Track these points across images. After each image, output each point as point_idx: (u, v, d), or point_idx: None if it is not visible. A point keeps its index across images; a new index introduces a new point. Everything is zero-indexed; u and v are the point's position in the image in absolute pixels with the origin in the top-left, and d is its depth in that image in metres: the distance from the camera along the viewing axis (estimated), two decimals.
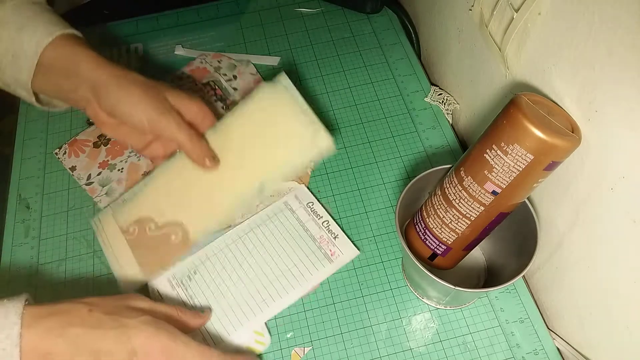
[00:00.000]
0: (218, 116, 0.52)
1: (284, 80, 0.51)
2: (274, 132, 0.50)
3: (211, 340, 0.46)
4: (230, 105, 0.62)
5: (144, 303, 0.41)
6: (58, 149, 0.60)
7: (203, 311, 0.46)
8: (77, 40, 0.48)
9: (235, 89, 0.64)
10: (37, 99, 0.50)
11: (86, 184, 0.57)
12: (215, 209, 0.49)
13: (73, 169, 0.58)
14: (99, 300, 0.39)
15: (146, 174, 0.57)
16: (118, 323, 0.37)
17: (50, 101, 0.52)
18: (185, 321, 0.43)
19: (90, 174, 0.58)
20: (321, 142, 0.48)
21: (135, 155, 0.59)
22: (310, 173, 0.57)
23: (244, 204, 0.50)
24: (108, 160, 0.59)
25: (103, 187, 0.57)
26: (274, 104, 0.51)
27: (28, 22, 0.46)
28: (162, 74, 0.66)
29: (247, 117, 0.51)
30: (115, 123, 0.48)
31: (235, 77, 0.66)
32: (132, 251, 0.49)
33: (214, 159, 0.49)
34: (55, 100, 0.52)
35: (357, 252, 0.51)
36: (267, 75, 0.66)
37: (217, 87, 0.64)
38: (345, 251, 0.51)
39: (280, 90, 0.51)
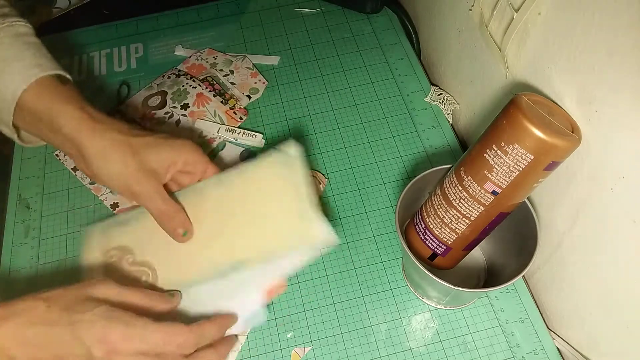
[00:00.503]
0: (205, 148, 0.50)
1: (292, 150, 0.48)
2: (265, 210, 0.47)
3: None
4: (229, 100, 0.63)
5: (106, 290, 0.40)
6: (59, 151, 0.60)
7: (173, 295, 0.45)
8: (57, 85, 0.46)
9: (233, 83, 0.65)
10: (19, 136, 0.49)
11: (90, 184, 0.57)
12: (186, 269, 0.47)
13: (75, 169, 0.58)
14: (58, 294, 0.39)
15: None
16: (73, 319, 0.37)
17: (32, 140, 0.51)
18: (152, 306, 0.42)
19: None
20: (316, 235, 0.44)
21: None
22: None
23: (215, 275, 0.46)
24: None
25: None
26: (274, 178, 0.47)
27: (6, 64, 0.45)
28: (161, 74, 0.66)
29: (243, 183, 0.48)
30: None
31: (232, 71, 0.66)
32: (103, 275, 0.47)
33: (189, 233, 0.47)
34: (34, 138, 0.51)
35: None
36: (265, 71, 0.66)
37: (215, 82, 0.64)
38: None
39: (287, 162, 0.47)
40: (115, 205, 0.56)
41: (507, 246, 0.47)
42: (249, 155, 0.59)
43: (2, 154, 0.65)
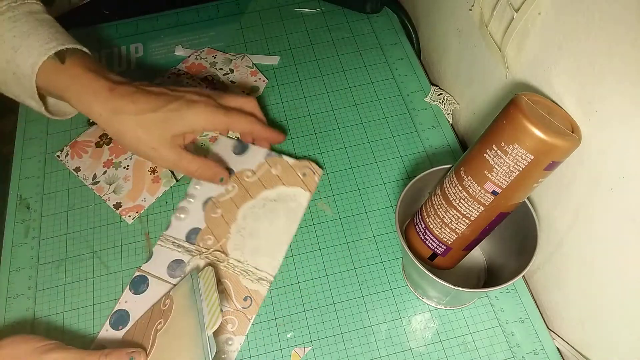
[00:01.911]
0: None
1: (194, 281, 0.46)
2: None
3: None
4: None
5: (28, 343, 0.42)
6: (60, 152, 0.60)
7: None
8: (67, 63, 0.47)
9: (233, 82, 0.65)
10: (47, 108, 0.50)
11: (92, 184, 0.57)
12: None
13: (77, 170, 0.58)
14: None
15: (152, 170, 0.58)
16: None
17: (60, 110, 0.52)
18: None
19: (95, 174, 0.58)
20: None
21: None
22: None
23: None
24: (112, 159, 0.59)
25: (110, 185, 0.57)
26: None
27: (22, 41, 0.46)
28: (161, 74, 0.66)
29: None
30: None
31: (232, 70, 0.66)
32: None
33: (224, 179, 0.53)
34: (62, 107, 0.52)
35: None
36: (265, 71, 0.66)
37: (215, 81, 0.64)
38: None
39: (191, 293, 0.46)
40: (118, 205, 0.56)
41: (507, 246, 0.47)
42: (242, 148, 0.57)
43: (2, 154, 0.66)
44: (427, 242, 0.43)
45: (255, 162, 0.57)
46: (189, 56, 0.67)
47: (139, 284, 0.51)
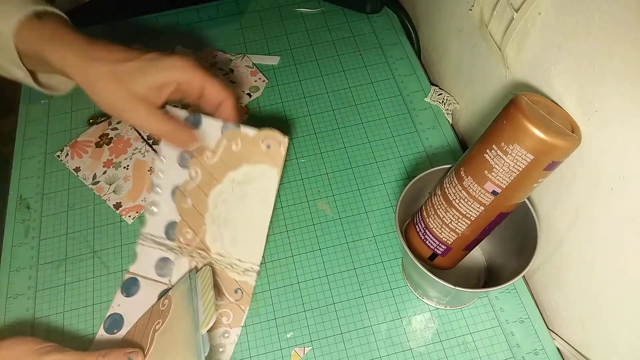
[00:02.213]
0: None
1: (193, 281, 0.47)
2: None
3: None
4: None
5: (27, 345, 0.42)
6: (60, 152, 0.60)
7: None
8: (44, 23, 0.46)
9: (233, 82, 0.65)
10: (37, 81, 0.49)
11: (92, 184, 0.57)
12: None
13: (77, 170, 0.58)
14: None
15: (152, 170, 0.58)
16: None
17: (52, 84, 0.51)
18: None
19: (95, 174, 0.58)
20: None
21: (140, 152, 0.59)
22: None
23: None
24: (112, 159, 0.59)
25: (110, 185, 0.57)
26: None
27: (0, 6, 0.45)
28: None
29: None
30: None
31: (232, 70, 0.66)
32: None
33: (197, 140, 0.47)
34: (55, 81, 0.51)
35: None
36: (265, 71, 0.66)
37: None
38: None
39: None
40: (118, 205, 0.56)
41: (507, 246, 0.47)
42: (195, 121, 0.50)
43: (2, 154, 0.66)
44: (427, 242, 0.43)
45: (213, 139, 0.48)
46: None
47: (130, 286, 0.50)
